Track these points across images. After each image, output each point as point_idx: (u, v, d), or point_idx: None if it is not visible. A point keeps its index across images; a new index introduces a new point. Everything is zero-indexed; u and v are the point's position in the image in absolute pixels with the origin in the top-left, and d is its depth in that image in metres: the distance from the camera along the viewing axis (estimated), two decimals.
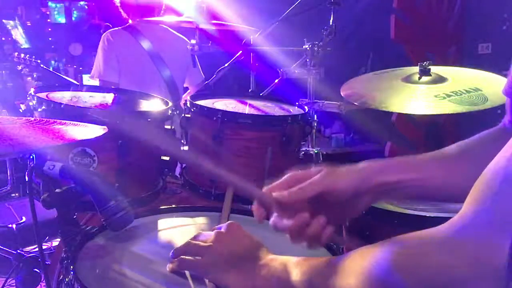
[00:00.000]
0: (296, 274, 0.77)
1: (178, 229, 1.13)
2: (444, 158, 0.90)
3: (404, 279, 0.57)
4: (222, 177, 0.93)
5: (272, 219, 0.90)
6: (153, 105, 1.65)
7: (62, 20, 5.65)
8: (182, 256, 0.89)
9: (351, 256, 0.70)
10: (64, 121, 1.07)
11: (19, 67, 3.77)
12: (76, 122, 1.08)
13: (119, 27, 2.97)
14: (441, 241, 0.55)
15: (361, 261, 0.65)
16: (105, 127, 1.01)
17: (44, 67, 3.89)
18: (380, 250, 0.62)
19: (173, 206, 1.30)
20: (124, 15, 3.02)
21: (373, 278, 0.61)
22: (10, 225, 2.18)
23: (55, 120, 1.05)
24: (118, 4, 2.98)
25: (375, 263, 0.61)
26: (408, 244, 0.60)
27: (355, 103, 1.64)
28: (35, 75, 4.20)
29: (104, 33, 2.89)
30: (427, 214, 1.31)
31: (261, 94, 2.13)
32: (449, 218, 1.43)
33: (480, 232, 0.51)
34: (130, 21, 2.97)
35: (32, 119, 1.31)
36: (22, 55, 3.77)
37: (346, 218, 0.94)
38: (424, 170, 0.89)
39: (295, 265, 0.78)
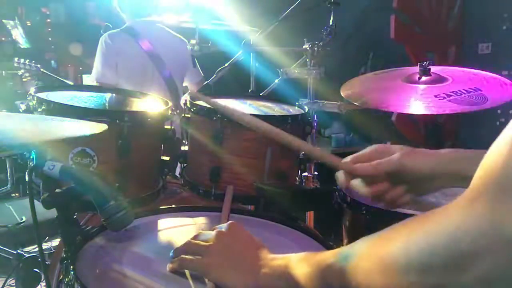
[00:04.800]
0: (301, 269, 0.76)
1: (178, 229, 1.13)
2: None
3: (417, 252, 0.56)
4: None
5: (353, 182, 1.02)
6: (153, 105, 1.65)
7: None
8: (182, 256, 0.89)
9: (363, 242, 0.69)
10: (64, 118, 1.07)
11: (20, 72, 3.77)
12: (76, 121, 1.08)
13: (118, 29, 2.97)
14: (453, 212, 0.55)
15: (374, 242, 0.65)
16: (105, 125, 1.01)
17: (45, 71, 3.89)
18: (392, 230, 0.63)
19: (173, 206, 1.30)
20: (122, 15, 3.02)
21: (387, 257, 0.60)
22: (10, 225, 2.18)
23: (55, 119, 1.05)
24: (116, 5, 2.98)
25: (389, 242, 0.61)
26: (421, 219, 0.60)
27: (355, 103, 1.64)
28: (35, 76, 4.20)
29: (102, 36, 2.89)
30: None
31: (261, 94, 2.13)
32: None
33: (493, 203, 0.51)
34: (129, 22, 2.97)
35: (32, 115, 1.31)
36: (22, 60, 3.78)
37: (425, 193, 1.05)
38: None
39: (299, 260, 0.78)
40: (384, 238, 0.64)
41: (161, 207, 1.25)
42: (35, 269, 1.54)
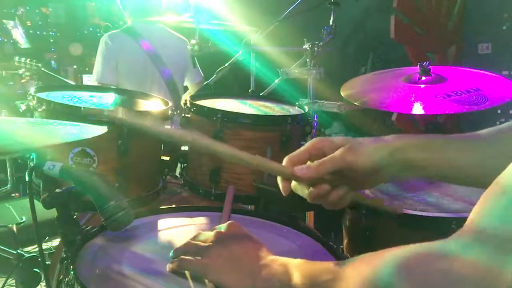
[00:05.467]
0: (296, 277, 0.76)
1: (178, 229, 1.13)
2: (473, 140, 0.88)
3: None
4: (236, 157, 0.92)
5: (292, 184, 0.92)
6: (153, 105, 1.65)
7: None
8: (182, 256, 0.89)
9: (354, 263, 0.69)
10: (64, 121, 1.07)
11: (20, 71, 3.77)
12: (76, 122, 1.08)
13: (118, 30, 2.97)
14: (448, 255, 0.53)
15: (365, 268, 0.64)
16: (105, 127, 1.01)
17: (45, 70, 3.89)
18: (385, 257, 0.60)
19: (173, 206, 1.30)
20: (124, 15, 3.02)
21: (376, 285, 0.59)
22: (10, 225, 2.18)
23: (55, 120, 1.05)
24: (119, 4, 2.99)
25: (379, 270, 0.59)
26: (414, 254, 0.58)
27: (355, 103, 1.65)
28: (35, 76, 4.20)
29: (103, 37, 2.90)
30: (427, 214, 1.31)
31: (261, 94, 2.13)
32: (448, 218, 1.43)
33: (486, 251, 0.49)
34: (129, 22, 2.97)
35: (32, 119, 1.32)
36: (23, 59, 3.78)
37: (367, 187, 0.97)
38: (450, 150, 0.87)
39: (296, 268, 0.78)
40: (374, 262, 0.62)
41: (161, 207, 1.25)
42: (35, 269, 1.54)
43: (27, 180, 1.01)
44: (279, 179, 0.94)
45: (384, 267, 0.59)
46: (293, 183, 0.93)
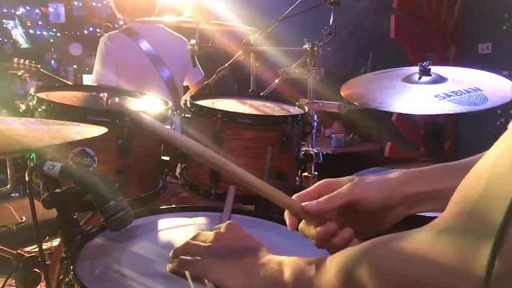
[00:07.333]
0: (287, 274, 0.77)
1: (178, 229, 1.13)
2: None
3: (377, 276, 0.57)
4: (250, 184, 0.89)
5: (300, 225, 0.90)
6: (153, 105, 1.65)
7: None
8: (181, 256, 0.89)
9: (335, 256, 0.71)
10: (64, 121, 1.07)
11: (19, 72, 3.77)
12: (76, 122, 1.08)
13: (117, 30, 2.97)
14: (422, 245, 0.54)
15: (340, 258, 0.67)
16: (105, 128, 1.00)
17: (45, 72, 3.89)
18: (358, 246, 0.64)
19: (173, 206, 1.30)
20: (119, 16, 3.03)
21: (345, 270, 0.62)
22: (10, 225, 2.18)
23: (55, 120, 1.05)
24: (113, 5, 2.99)
25: (349, 258, 0.63)
26: (388, 242, 0.60)
27: (355, 103, 1.65)
28: (35, 77, 4.19)
29: (102, 37, 2.90)
30: (427, 214, 1.30)
31: (261, 94, 2.13)
32: None
33: (460, 238, 0.49)
34: (128, 23, 2.97)
35: (32, 119, 1.32)
36: (22, 60, 3.78)
37: (376, 230, 0.91)
38: (454, 180, 0.86)
39: (287, 265, 0.79)
40: (349, 252, 0.65)
41: (161, 207, 1.25)
42: (35, 269, 1.54)
43: (27, 180, 1.00)
44: (286, 214, 0.91)
45: (354, 254, 0.63)
46: (301, 225, 0.90)
